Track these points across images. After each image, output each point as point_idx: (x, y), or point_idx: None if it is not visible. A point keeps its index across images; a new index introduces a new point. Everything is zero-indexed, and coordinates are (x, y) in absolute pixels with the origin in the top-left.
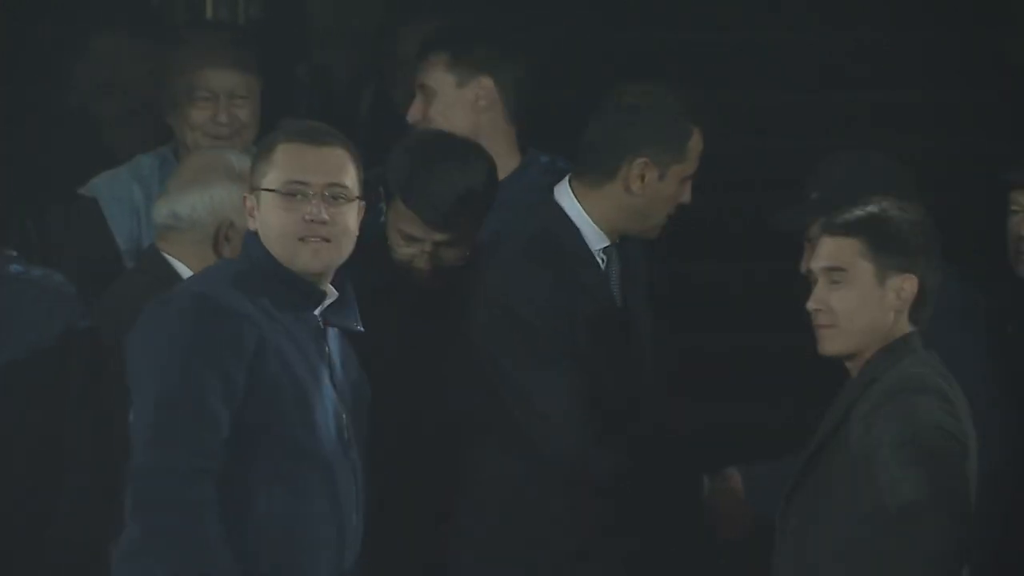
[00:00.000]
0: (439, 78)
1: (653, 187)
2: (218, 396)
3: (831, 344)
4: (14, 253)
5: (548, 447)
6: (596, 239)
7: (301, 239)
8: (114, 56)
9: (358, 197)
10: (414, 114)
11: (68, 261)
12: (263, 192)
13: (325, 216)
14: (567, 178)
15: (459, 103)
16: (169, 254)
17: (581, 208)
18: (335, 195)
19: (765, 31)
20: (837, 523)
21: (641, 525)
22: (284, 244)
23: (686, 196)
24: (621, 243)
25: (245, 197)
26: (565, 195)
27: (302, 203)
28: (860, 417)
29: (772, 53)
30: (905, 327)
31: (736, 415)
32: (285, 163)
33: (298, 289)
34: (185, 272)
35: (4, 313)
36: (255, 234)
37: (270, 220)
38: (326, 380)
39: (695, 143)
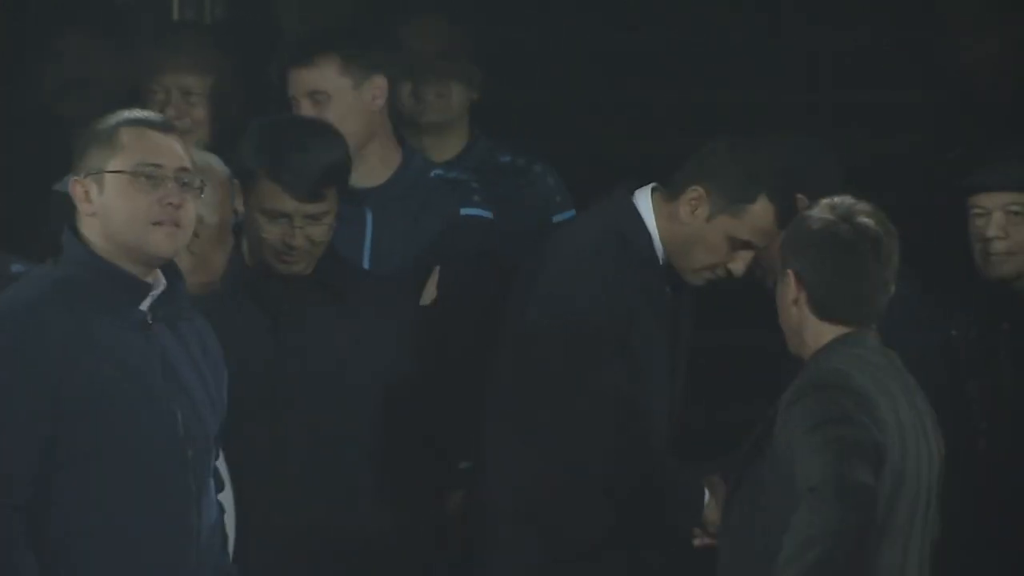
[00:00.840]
0: (334, 81)
1: (699, 224)
2: (21, 426)
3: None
4: None
5: (583, 447)
6: (660, 250)
7: (156, 223)
8: (78, 56)
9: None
10: None
11: (39, 254)
12: (107, 175)
13: (180, 199)
14: (651, 185)
15: (357, 106)
16: None
17: (653, 216)
18: (186, 181)
19: (764, 30)
20: (771, 518)
21: (656, 527)
22: (135, 228)
23: (736, 265)
24: None
25: (76, 182)
26: (643, 199)
27: (155, 186)
28: (783, 413)
29: (772, 52)
30: (820, 325)
31: (733, 415)
32: (136, 146)
33: (121, 285)
34: None
35: None
36: (73, 233)
37: (118, 204)
38: (155, 379)
39: (759, 210)
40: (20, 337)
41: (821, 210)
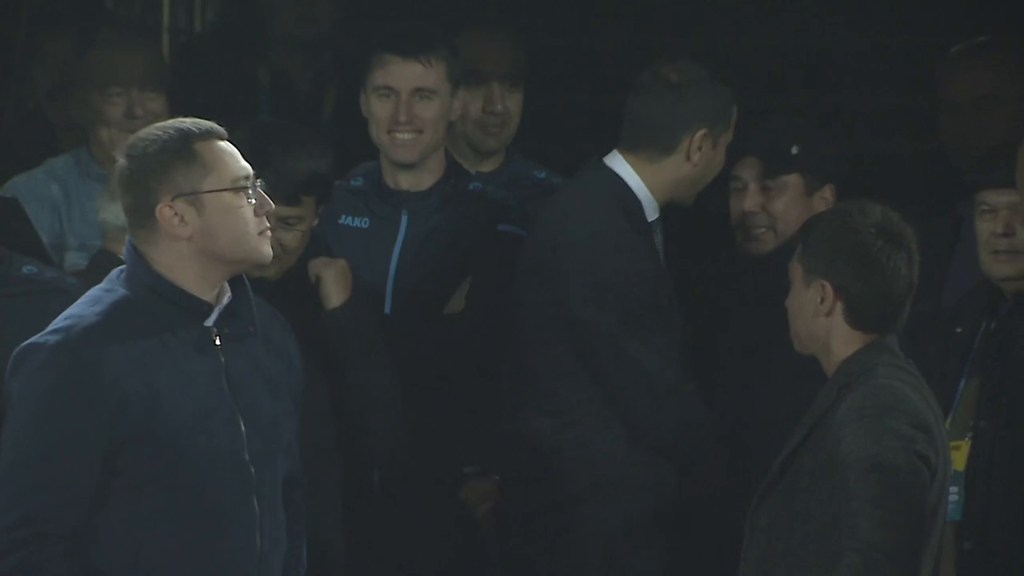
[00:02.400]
0: (442, 84)
1: (708, 156)
2: (71, 456)
3: (793, 341)
4: None
5: (646, 411)
6: (651, 211)
7: (261, 233)
8: (68, 60)
9: None
10: (405, 114)
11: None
12: (207, 195)
13: (271, 205)
14: (616, 152)
15: (446, 113)
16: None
17: (640, 181)
18: (260, 185)
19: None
20: (804, 525)
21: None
22: (247, 242)
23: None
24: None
25: (166, 206)
26: (623, 168)
27: (250, 197)
28: (834, 428)
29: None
30: (850, 333)
31: None
32: (221, 160)
33: (186, 305)
34: None
35: (17, 314)
36: (138, 254)
37: (226, 221)
38: (219, 397)
39: (735, 112)
40: (76, 367)
41: (854, 219)
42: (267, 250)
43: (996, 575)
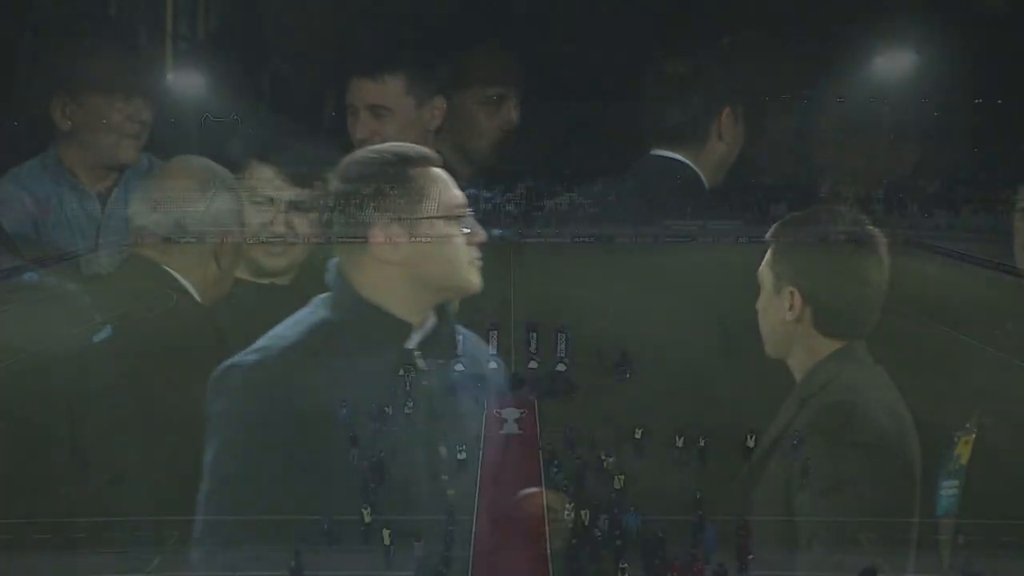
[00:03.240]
0: (397, 99)
1: (736, 131)
2: (272, 473)
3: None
4: None
5: None
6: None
7: (471, 262)
8: (70, 64)
9: None
10: (363, 132)
11: None
12: (422, 222)
13: (483, 235)
14: (666, 152)
15: (417, 123)
16: (168, 266)
17: (699, 168)
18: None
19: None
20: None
21: None
22: (460, 270)
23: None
24: None
25: (381, 231)
26: (688, 163)
27: (461, 226)
28: (796, 440)
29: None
30: (817, 340)
31: None
32: (435, 188)
33: (388, 329)
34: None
35: (17, 319)
36: (343, 276)
37: (442, 250)
38: (416, 416)
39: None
40: (272, 386)
41: (823, 226)
42: (477, 279)
43: (985, 567)
